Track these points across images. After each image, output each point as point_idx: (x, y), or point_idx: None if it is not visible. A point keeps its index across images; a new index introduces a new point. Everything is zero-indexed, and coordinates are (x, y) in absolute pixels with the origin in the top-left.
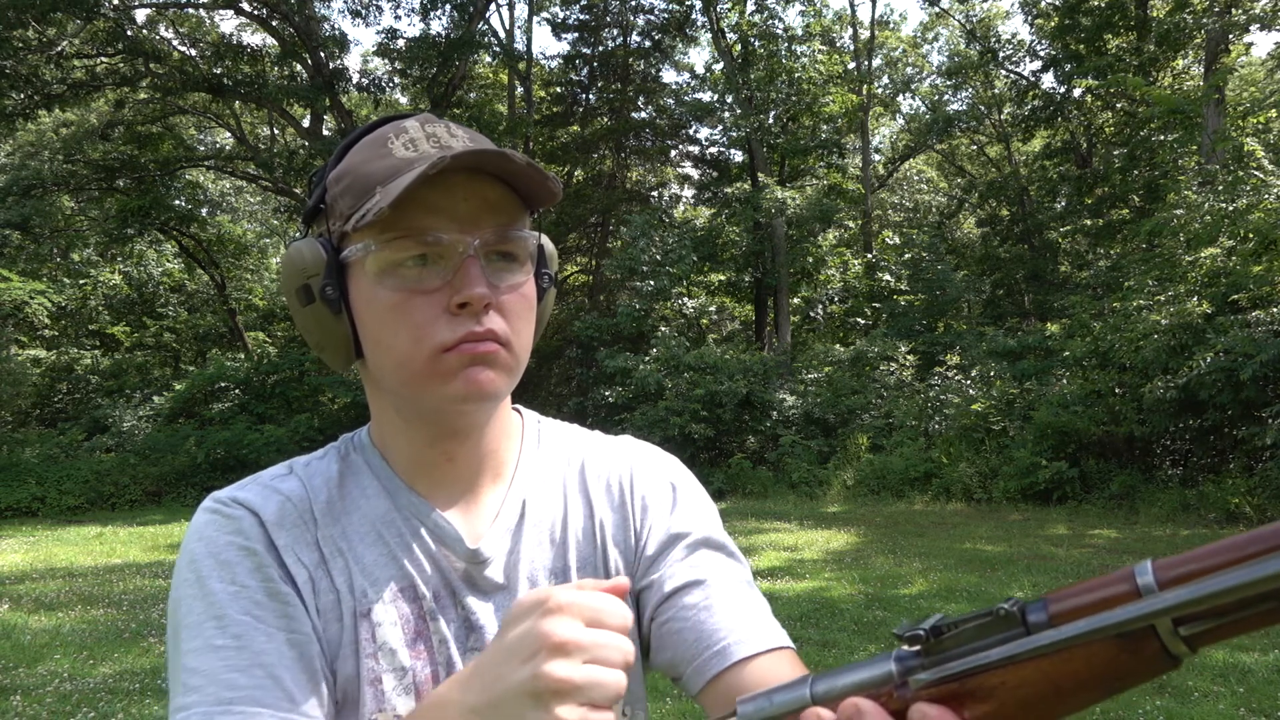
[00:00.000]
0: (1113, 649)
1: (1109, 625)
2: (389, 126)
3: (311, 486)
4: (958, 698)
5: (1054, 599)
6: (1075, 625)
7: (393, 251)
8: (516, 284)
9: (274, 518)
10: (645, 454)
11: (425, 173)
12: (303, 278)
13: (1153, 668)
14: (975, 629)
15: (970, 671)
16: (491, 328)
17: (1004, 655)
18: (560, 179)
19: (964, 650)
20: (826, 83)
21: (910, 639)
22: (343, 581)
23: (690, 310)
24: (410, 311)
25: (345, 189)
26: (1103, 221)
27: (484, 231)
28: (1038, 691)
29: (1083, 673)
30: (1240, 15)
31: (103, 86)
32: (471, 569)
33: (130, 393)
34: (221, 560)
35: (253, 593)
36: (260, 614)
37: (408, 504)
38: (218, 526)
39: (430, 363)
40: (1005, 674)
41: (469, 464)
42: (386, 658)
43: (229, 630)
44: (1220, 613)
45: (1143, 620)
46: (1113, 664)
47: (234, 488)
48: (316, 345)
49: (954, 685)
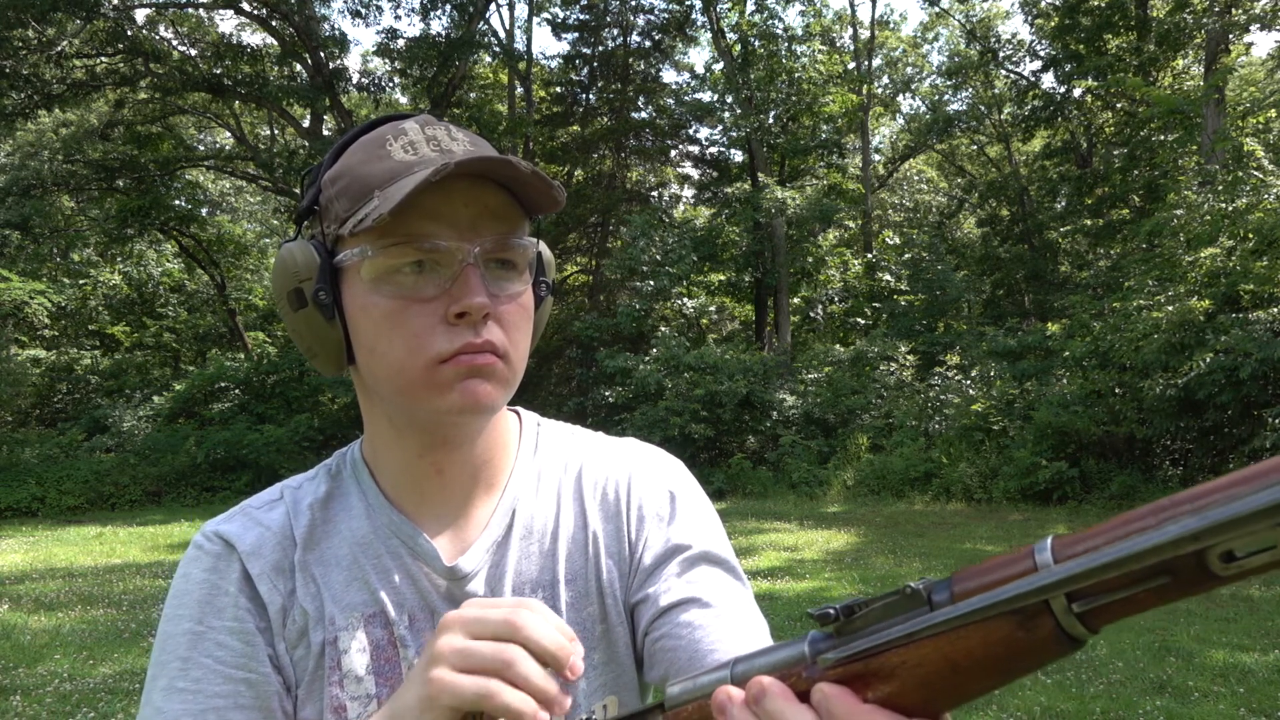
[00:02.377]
0: (1008, 626)
1: (1001, 601)
2: (387, 127)
3: (296, 511)
4: (861, 678)
5: (959, 577)
6: (970, 602)
7: (390, 257)
8: (515, 293)
9: (250, 548)
10: (645, 460)
11: (428, 179)
12: (295, 281)
13: (1050, 648)
14: (883, 608)
15: (872, 650)
16: (490, 339)
17: (903, 633)
18: (560, 179)
19: (871, 630)
20: (826, 83)
21: (821, 618)
22: (313, 607)
23: (690, 310)
24: (407, 320)
25: (341, 191)
26: (1103, 221)
27: (484, 239)
28: (935, 671)
29: (978, 651)
30: (1240, 15)
31: (103, 86)
32: (452, 586)
33: (130, 393)
34: (195, 599)
35: (217, 634)
36: (221, 655)
37: (389, 523)
38: (198, 563)
39: (426, 373)
40: (905, 653)
41: (459, 476)
42: (351, 685)
43: (190, 674)
44: (1112, 587)
45: (1034, 595)
46: (1009, 643)
47: (221, 519)
48: (307, 351)
49: (858, 665)
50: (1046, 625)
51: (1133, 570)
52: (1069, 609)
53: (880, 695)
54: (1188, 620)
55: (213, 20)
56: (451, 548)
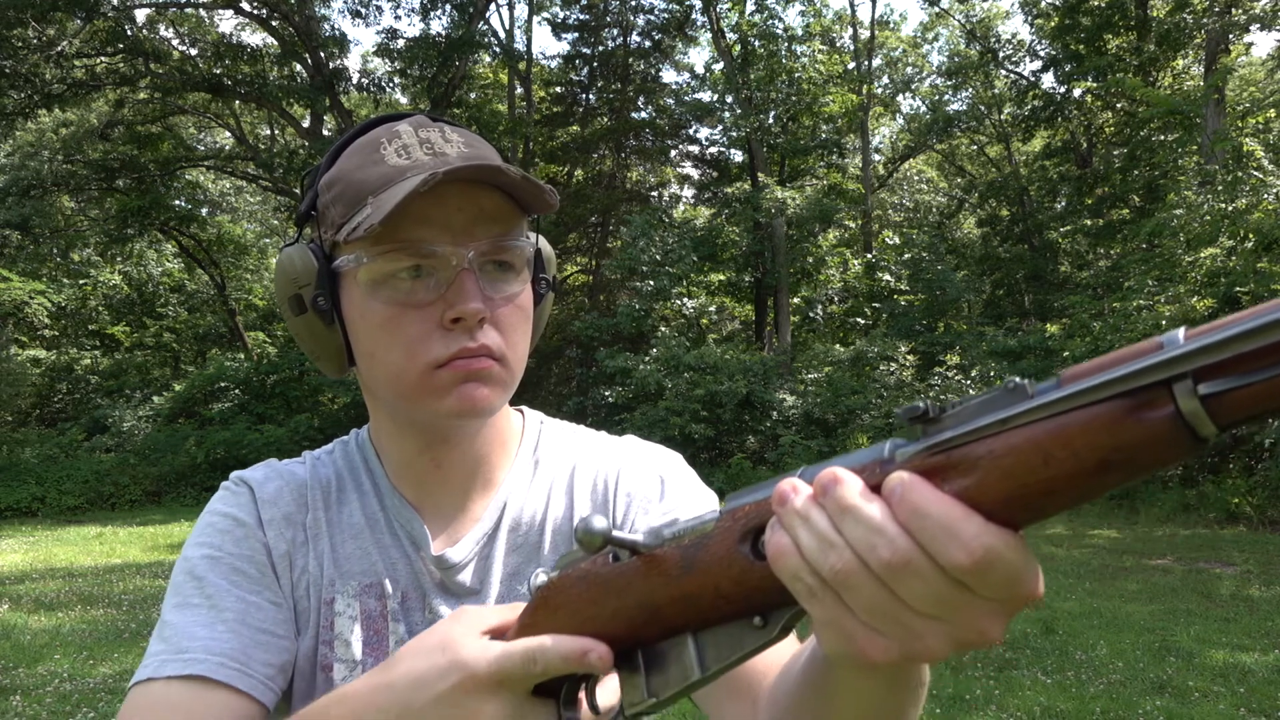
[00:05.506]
0: (1118, 411)
1: (1114, 380)
2: (382, 129)
3: (316, 475)
4: (940, 471)
5: (1071, 371)
6: (1078, 383)
7: (384, 264)
8: (512, 295)
9: (269, 495)
10: (637, 452)
11: (416, 189)
12: (294, 287)
13: (1164, 443)
14: (979, 404)
15: (957, 441)
16: (486, 343)
17: (996, 419)
18: (560, 179)
19: (961, 426)
20: (826, 83)
21: (910, 414)
22: (314, 565)
23: (690, 310)
24: (403, 326)
25: (336, 196)
26: (1103, 221)
27: (479, 242)
28: (1024, 462)
29: (1077, 441)
30: (1240, 15)
31: (103, 86)
32: (443, 574)
33: (130, 393)
34: (215, 529)
35: (234, 559)
36: (236, 578)
37: (392, 506)
38: (221, 500)
39: (423, 378)
40: (994, 442)
41: (457, 471)
42: (340, 648)
43: (204, 591)
44: (1250, 365)
45: (1154, 373)
46: (1115, 431)
47: (249, 469)
48: (310, 353)
49: (939, 457)
50: (1164, 412)
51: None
52: (1194, 391)
53: (958, 489)
54: (1188, 620)
55: (213, 20)
56: (444, 538)
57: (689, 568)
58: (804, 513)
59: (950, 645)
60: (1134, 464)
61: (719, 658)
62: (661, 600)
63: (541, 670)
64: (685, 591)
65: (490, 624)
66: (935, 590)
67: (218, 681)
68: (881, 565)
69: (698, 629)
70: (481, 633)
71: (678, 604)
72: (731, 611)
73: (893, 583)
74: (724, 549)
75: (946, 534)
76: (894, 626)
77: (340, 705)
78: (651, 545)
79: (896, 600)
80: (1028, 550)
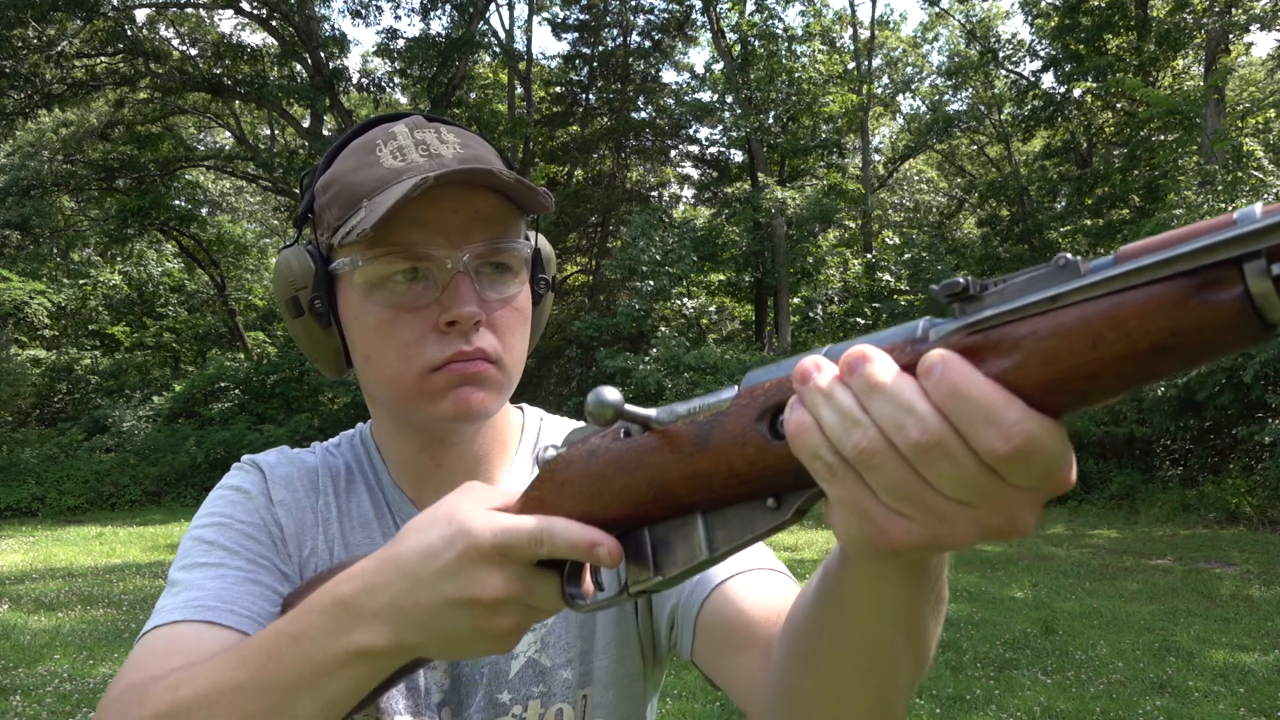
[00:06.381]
0: (1180, 291)
1: (1178, 257)
2: (378, 130)
3: (327, 464)
4: (977, 351)
5: (1129, 248)
6: (1137, 260)
7: (380, 266)
8: (509, 297)
9: (278, 478)
10: None
11: (408, 194)
12: (292, 290)
13: (1228, 327)
14: (1025, 282)
15: (998, 319)
16: (481, 346)
17: (1043, 297)
18: (560, 179)
19: (1004, 304)
20: (826, 83)
21: (948, 290)
22: (324, 548)
23: (690, 310)
24: (398, 330)
25: (332, 199)
26: (1103, 221)
27: (474, 245)
28: (1070, 344)
29: (1132, 322)
30: (1240, 15)
31: (103, 86)
32: None
33: (130, 393)
34: (227, 500)
35: (244, 526)
36: (245, 543)
37: (394, 501)
38: (233, 477)
39: (419, 382)
40: (1039, 322)
41: (455, 470)
42: None
43: (213, 554)
44: None
45: (1224, 249)
46: (1176, 312)
47: (262, 453)
48: (309, 355)
49: (977, 336)
50: (1232, 294)
51: None
52: (1267, 271)
53: (994, 370)
54: (1188, 620)
55: (213, 20)
56: None
57: (702, 445)
58: (828, 390)
59: (978, 533)
60: (1191, 350)
61: (728, 539)
62: (672, 478)
63: (547, 552)
64: (697, 470)
65: (498, 500)
66: (966, 475)
67: (226, 626)
68: (910, 445)
69: (708, 509)
70: (490, 507)
71: (689, 482)
72: (744, 492)
73: (920, 464)
74: (740, 427)
75: (985, 419)
76: (918, 509)
77: (350, 582)
78: (664, 421)
79: (922, 482)
80: (1066, 438)
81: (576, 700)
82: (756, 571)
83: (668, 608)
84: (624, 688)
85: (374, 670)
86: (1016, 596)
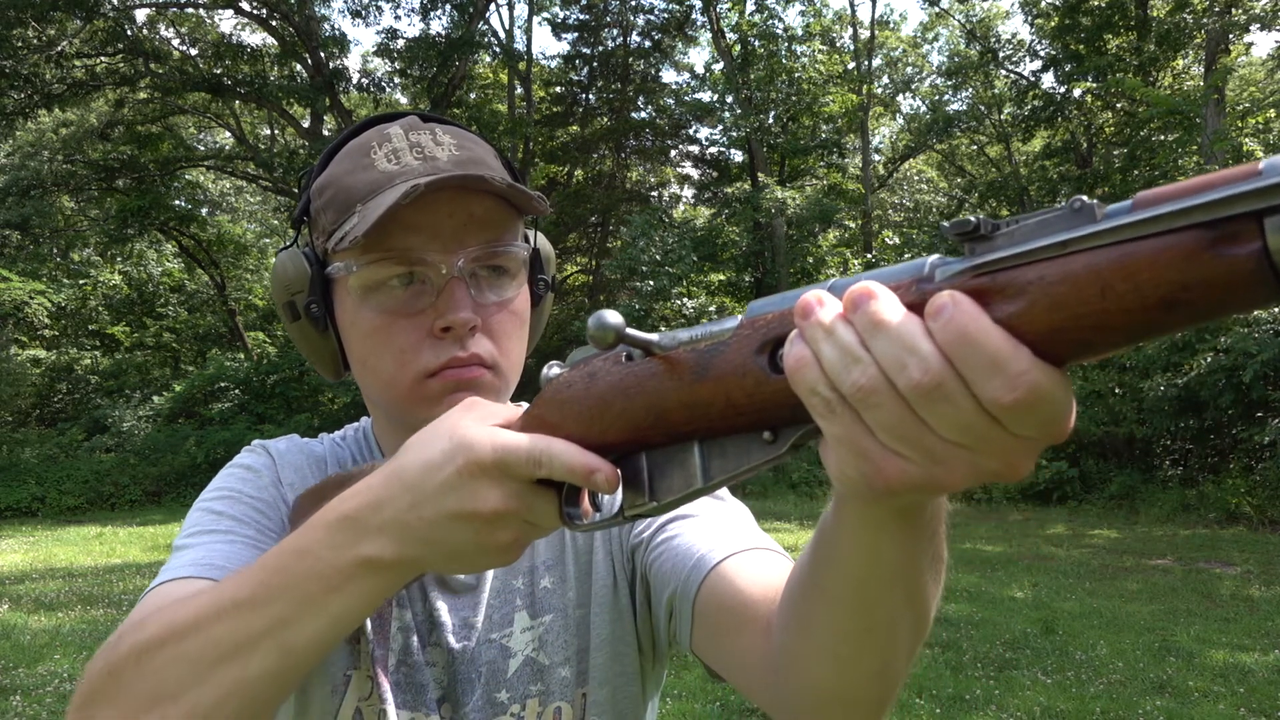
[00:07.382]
0: (1194, 243)
1: (1195, 207)
2: (373, 132)
3: (335, 455)
4: (983, 295)
5: (1147, 194)
6: (1154, 208)
7: (374, 271)
8: (505, 300)
9: (288, 464)
10: None
11: (399, 202)
12: (288, 294)
13: (1242, 284)
14: (1037, 224)
15: (1007, 263)
16: (477, 351)
17: (1054, 241)
18: (560, 179)
19: (1014, 246)
20: (826, 83)
21: (958, 229)
22: None
23: (690, 310)
24: (394, 335)
25: (327, 202)
26: None
27: (470, 249)
28: (1078, 291)
29: (1143, 272)
30: (1240, 15)
31: (103, 86)
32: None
33: (130, 393)
34: (235, 477)
35: (253, 500)
36: (253, 515)
37: None
38: (245, 456)
39: (414, 387)
40: (1047, 267)
41: None
42: None
43: (221, 524)
44: None
45: (1245, 201)
46: (1188, 265)
47: (273, 439)
48: (307, 357)
49: (984, 279)
50: (1249, 248)
51: None
52: None
53: (1002, 315)
54: (1188, 620)
55: (213, 20)
56: None
57: (702, 374)
58: (830, 326)
59: (974, 475)
60: (1201, 305)
61: (724, 469)
62: (671, 404)
63: (545, 473)
64: (696, 398)
65: (500, 417)
66: (965, 419)
67: None
68: (910, 386)
69: (705, 438)
70: (492, 424)
71: (687, 410)
72: (742, 424)
73: (919, 405)
74: (739, 358)
75: (991, 366)
76: (915, 450)
77: (355, 497)
78: (666, 346)
79: (920, 423)
80: (1070, 388)
81: (575, 699)
82: (754, 551)
83: (665, 596)
84: (621, 686)
85: (380, 585)
86: (1016, 596)
